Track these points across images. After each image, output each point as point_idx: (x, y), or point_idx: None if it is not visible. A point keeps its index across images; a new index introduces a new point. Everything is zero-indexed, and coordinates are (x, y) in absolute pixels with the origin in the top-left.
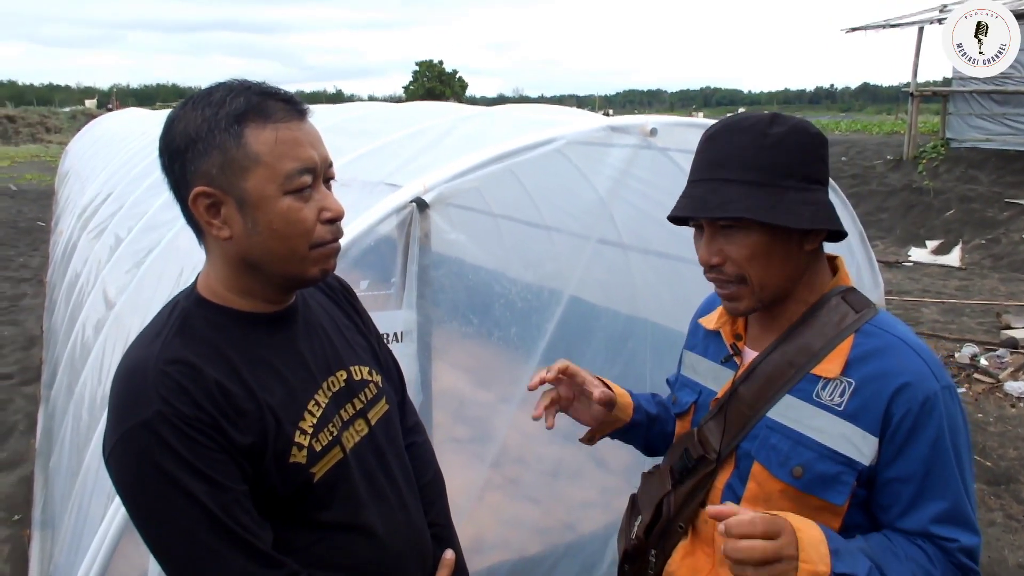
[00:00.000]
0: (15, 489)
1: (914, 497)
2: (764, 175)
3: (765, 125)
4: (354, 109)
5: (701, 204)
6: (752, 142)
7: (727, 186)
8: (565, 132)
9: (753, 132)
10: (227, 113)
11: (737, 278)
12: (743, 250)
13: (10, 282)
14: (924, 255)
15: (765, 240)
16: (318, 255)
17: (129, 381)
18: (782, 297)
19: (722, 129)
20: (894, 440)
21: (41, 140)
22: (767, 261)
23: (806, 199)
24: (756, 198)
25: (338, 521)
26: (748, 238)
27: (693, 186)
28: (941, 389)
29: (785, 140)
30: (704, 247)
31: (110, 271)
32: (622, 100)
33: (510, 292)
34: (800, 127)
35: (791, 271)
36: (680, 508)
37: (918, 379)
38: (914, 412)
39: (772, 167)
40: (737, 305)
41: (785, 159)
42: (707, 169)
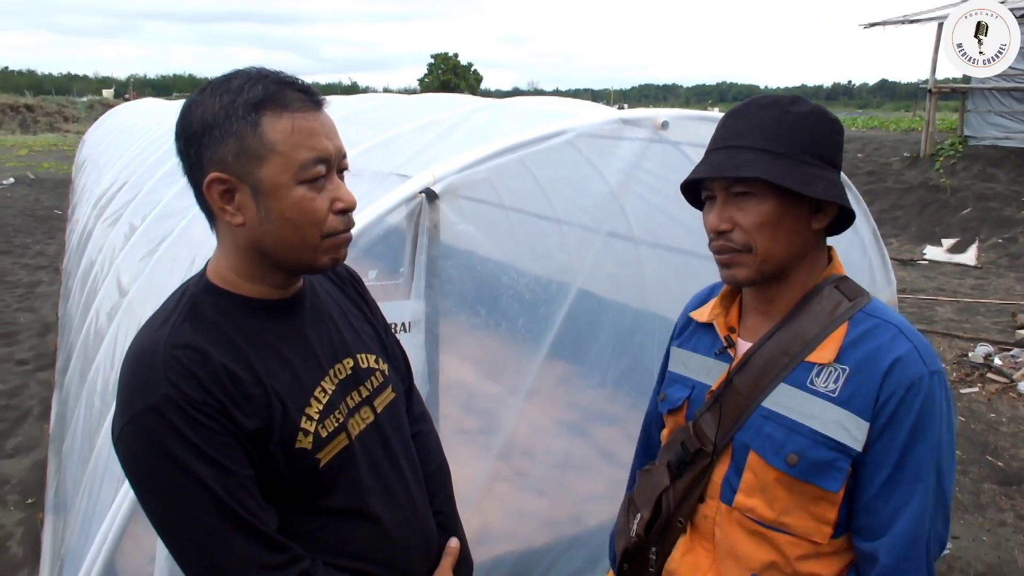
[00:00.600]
0: (29, 473)
1: (887, 481)
2: (782, 146)
3: (787, 103)
4: (367, 100)
5: (718, 167)
6: (773, 117)
7: (745, 152)
8: (575, 124)
9: (775, 108)
10: (245, 101)
11: (744, 246)
12: (754, 217)
13: (27, 269)
14: (940, 253)
15: (777, 210)
16: (329, 244)
17: (138, 365)
18: (781, 274)
19: (746, 105)
20: (878, 420)
21: (59, 129)
22: (775, 231)
23: (820, 175)
24: (773, 164)
25: (343, 507)
26: (760, 206)
27: (711, 154)
28: (929, 374)
29: (806, 119)
30: (715, 214)
31: (124, 259)
32: (637, 95)
33: (518, 284)
34: (820, 109)
35: (796, 247)
36: (679, 503)
37: (906, 362)
38: (899, 394)
39: (791, 141)
40: (736, 273)
41: (805, 135)
42: (727, 138)
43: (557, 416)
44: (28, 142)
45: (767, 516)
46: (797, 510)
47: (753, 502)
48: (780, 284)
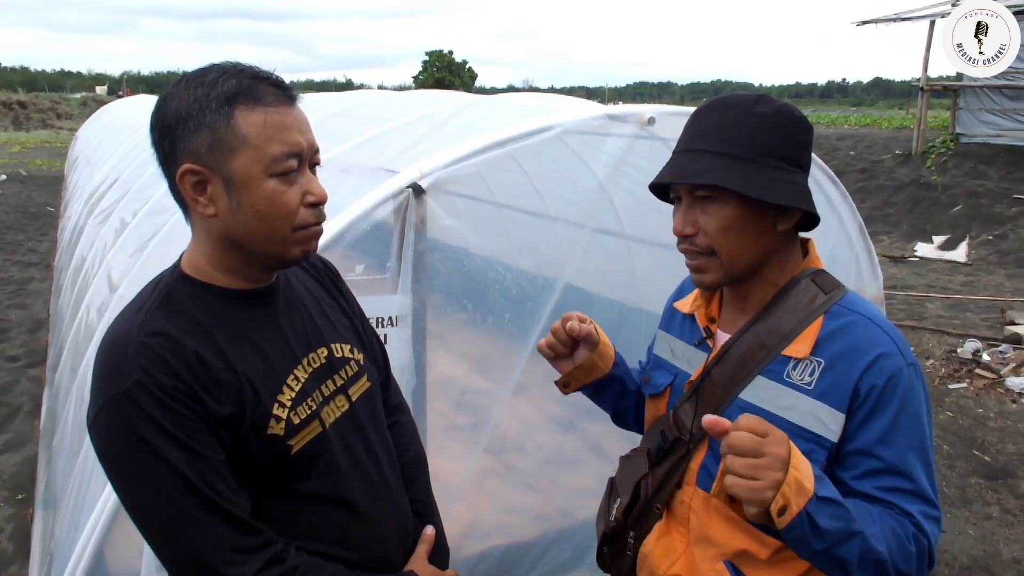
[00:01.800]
0: (19, 469)
1: (872, 469)
2: (745, 150)
3: (751, 104)
4: (360, 96)
5: (680, 171)
6: (737, 118)
7: (707, 156)
8: (563, 120)
9: (739, 109)
10: (218, 94)
11: (707, 250)
12: (717, 221)
13: (19, 266)
14: (930, 250)
15: (739, 214)
16: (300, 237)
17: (111, 352)
18: (750, 274)
19: (709, 105)
20: (858, 413)
21: (52, 126)
22: (739, 235)
23: (784, 178)
24: (735, 170)
25: (317, 493)
26: (723, 210)
27: (676, 156)
28: (907, 366)
29: (769, 119)
30: (680, 217)
31: (115, 255)
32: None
33: (505, 278)
34: (785, 109)
35: (762, 249)
36: (657, 489)
37: (885, 356)
38: (879, 387)
39: (754, 143)
40: (704, 277)
41: (767, 137)
42: (690, 141)
43: (547, 411)
44: (21, 139)
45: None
46: None
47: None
48: (750, 283)
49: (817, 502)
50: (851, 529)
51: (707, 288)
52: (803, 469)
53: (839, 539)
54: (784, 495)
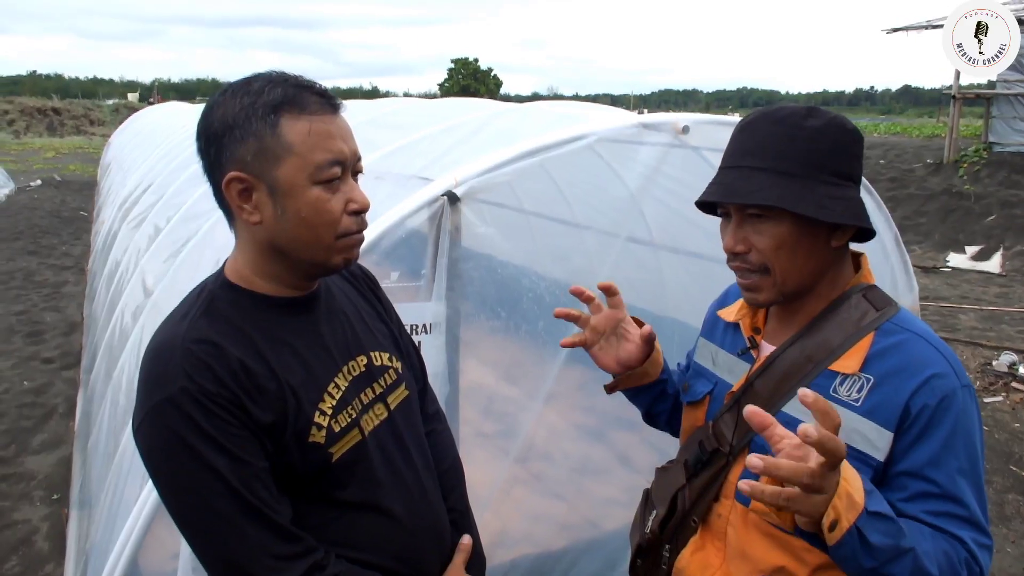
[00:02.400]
0: (54, 469)
1: (921, 492)
2: (797, 166)
3: (801, 117)
4: (390, 104)
5: (731, 190)
6: (787, 133)
7: (759, 174)
8: (596, 128)
9: (789, 123)
10: (264, 102)
11: (760, 268)
12: (770, 240)
13: (53, 270)
14: (963, 261)
15: (793, 231)
16: (343, 244)
17: (157, 359)
18: (803, 291)
19: (757, 118)
20: (908, 434)
21: (85, 132)
22: (793, 253)
23: (837, 194)
24: (788, 188)
25: (356, 501)
26: (776, 228)
27: (724, 172)
28: (961, 388)
29: (821, 133)
30: (730, 234)
31: (149, 260)
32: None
33: (538, 287)
34: (836, 122)
35: (815, 265)
36: (695, 502)
37: (938, 376)
38: (931, 407)
39: (806, 159)
40: (757, 296)
41: (819, 152)
42: (739, 156)
43: (575, 420)
44: (55, 144)
45: (784, 521)
46: None
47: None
48: (802, 299)
49: (868, 517)
50: (902, 546)
51: (761, 306)
52: (853, 481)
53: (890, 557)
54: (835, 508)
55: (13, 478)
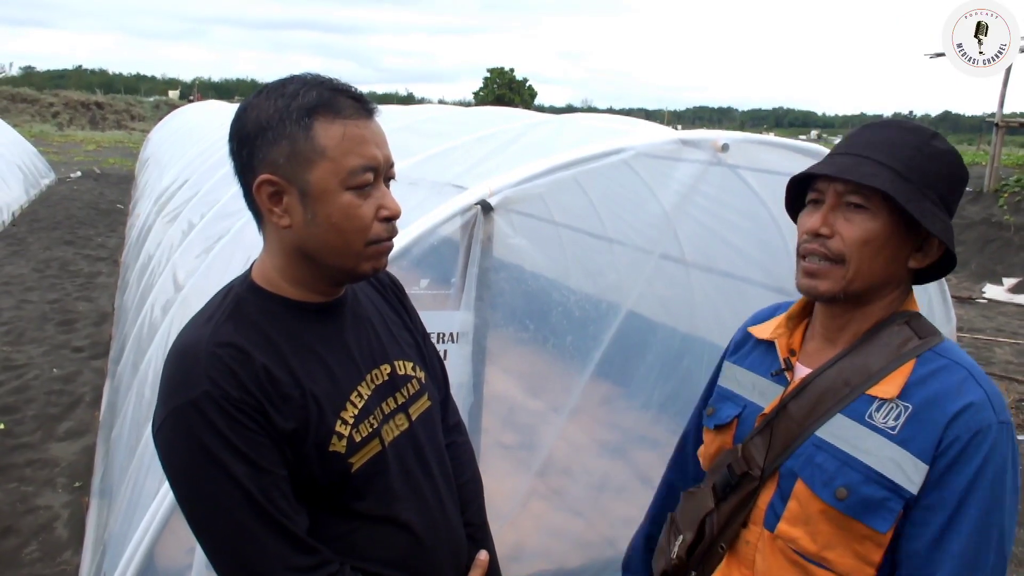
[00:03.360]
0: (78, 457)
1: (941, 529)
2: (915, 174)
3: (929, 136)
4: (427, 111)
5: (849, 169)
6: (912, 143)
7: (876, 166)
8: (634, 143)
9: (918, 135)
10: (299, 105)
11: (837, 256)
12: (860, 232)
13: (88, 260)
14: (1000, 293)
15: (885, 231)
16: (372, 251)
17: (180, 361)
18: (864, 297)
19: (888, 122)
20: (938, 467)
21: (125, 127)
22: (876, 252)
23: (938, 213)
24: (901, 185)
25: (374, 513)
26: (871, 223)
27: (839, 157)
28: (997, 423)
29: (942, 156)
30: (820, 215)
31: (181, 255)
32: (692, 116)
33: (568, 301)
34: (956, 154)
35: (888, 275)
36: (723, 527)
37: (975, 408)
38: (963, 440)
39: (923, 171)
40: (819, 284)
41: (936, 171)
42: (861, 147)
43: (598, 436)
44: (96, 138)
45: (809, 548)
46: (840, 546)
47: (796, 532)
48: (856, 310)
49: None
50: None
51: (817, 297)
52: None
53: None
54: None
55: (37, 464)
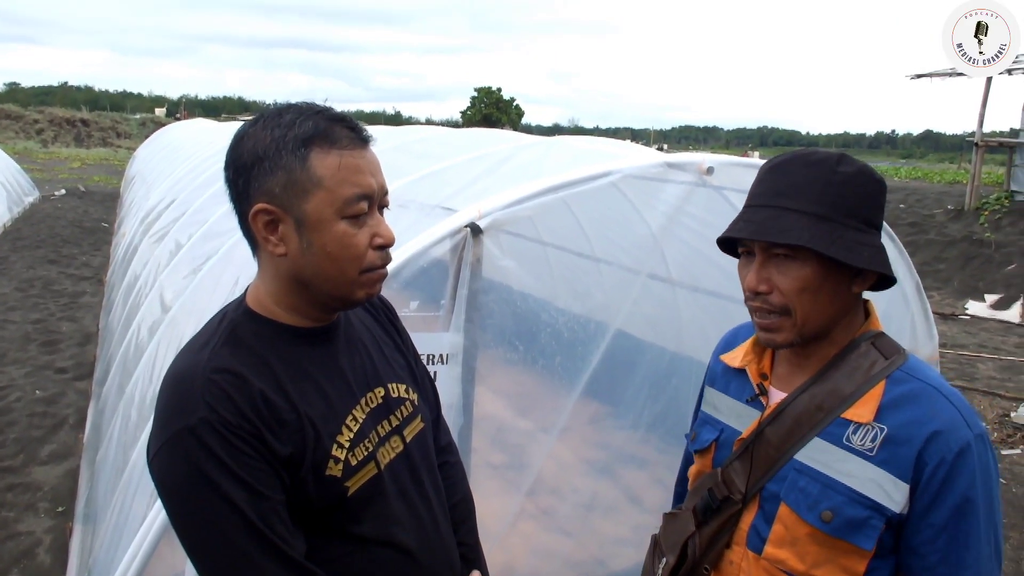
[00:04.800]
0: (61, 481)
1: (948, 544)
2: (828, 210)
3: (834, 163)
4: (417, 132)
5: (762, 228)
6: (820, 176)
7: (790, 214)
8: (621, 166)
9: (822, 167)
10: (295, 136)
11: (781, 309)
12: (794, 281)
13: (72, 279)
14: (982, 309)
15: (818, 274)
16: (367, 279)
17: (177, 387)
18: (821, 335)
19: (790, 159)
20: (929, 488)
21: (111, 144)
22: (816, 296)
23: (865, 240)
24: (818, 230)
25: (372, 536)
26: (802, 270)
27: (753, 211)
28: (974, 438)
29: (852, 180)
30: (754, 273)
31: (168, 275)
32: (677, 135)
33: (557, 321)
34: (867, 171)
35: (836, 310)
36: (705, 550)
37: (951, 427)
38: (948, 461)
39: (837, 204)
40: (775, 337)
41: (850, 199)
42: (771, 196)
43: (586, 456)
44: (81, 155)
45: (797, 568)
46: (827, 563)
47: (783, 554)
48: (817, 343)
49: None
50: None
51: (777, 348)
52: None
53: None
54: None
55: (19, 488)
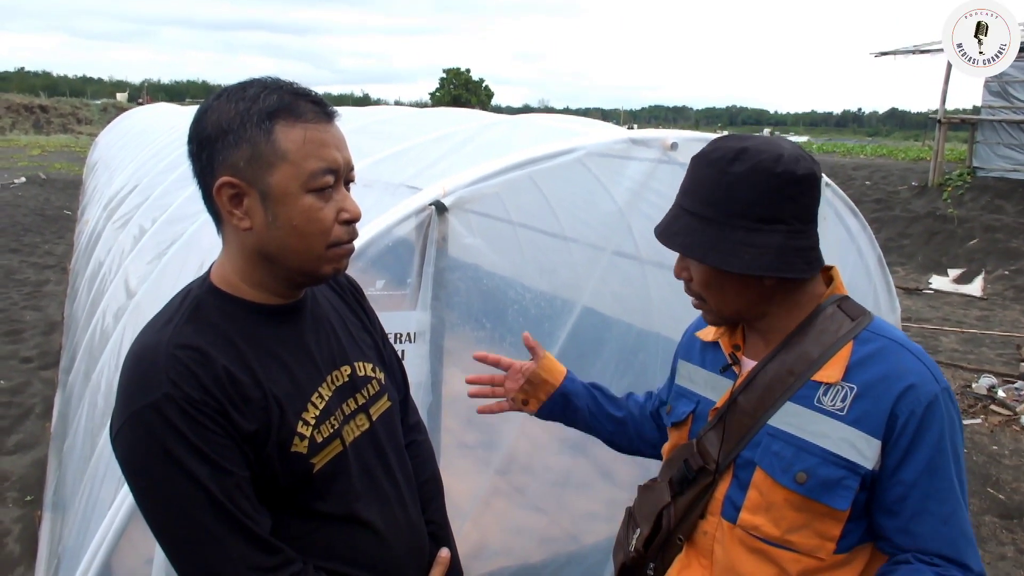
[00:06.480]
0: (28, 471)
1: (922, 499)
2: (716, 212)
3: (727, 162)
4: (381, 112)
5: (662, 229)
6: (711, 178)
7: (685, 216)
8: (586, 142)
9: (717, 167)
10: (260, 109)
11: (697, 295)
12: (699, 276)
13: (35, 268)
14: (945, 283)
15: (715, 273)
16: (333, 254)
17: (139, 364)
18: (749, 318)
19: (697, 156)
20: (899, 443)
21: (72, 131)
22: (720, 290)
23: (753, 240)
24: (702, 234)
25: (335, 512)
26: (700, 267)
27: (671, 208)
28: (941, 391)
29: (742, 180)
30: (676, 262)
31: (132, 261)
32: (647, 115)
33: (524, 299)
34: (762, 166)
35: (749, 300)
36: (680, 520)
37: (920, 381)
38: (918, 415)
39: (725, 205)
40: (706, 317)
41: (738, 199)
42: (680, 194)
43: (558, 433)
44: (41, 142)
45: (772, 534)
46: (803, 527)
47: (758, 520)
48: (763, 321)
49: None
50: None
51: (712, 325)
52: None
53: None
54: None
55: None
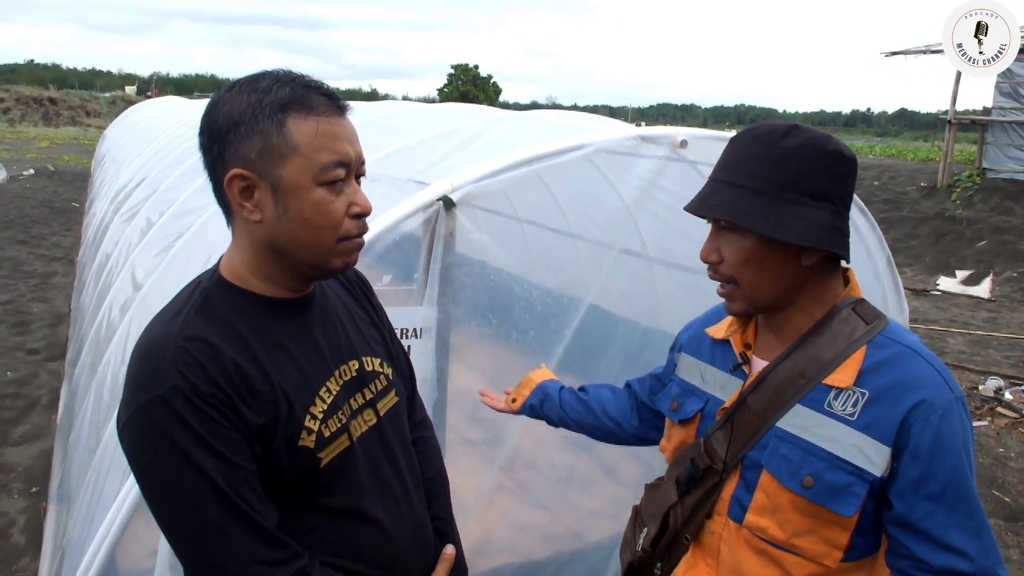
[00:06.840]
0: (34, 462)
1: (947, 511)
2: (766, 184)
3: (778, 136)
4: (390, 107)
5: (700, 202)
6: (761, 150)
7: (728, 189)
8: (594, 139)
9: (765, 141)
10: (272, 101)
11: (729, 278)
12: (736, 253)
13: (42, 260)
14: (953, 285)
15: (758, 247)
16: (343, 248)
17: (148, 356)
18: (780, 305)
19: (741, 134)
20: (919, 455)
21: (81, 123)
22: (758, 268)
23: (802, 214)
24: (751, 204)
25: (342, 507)
26: (741, 242)
27: (707, 184)
28: (955, 400)
29: (794, 153)
30: (706, 243)
31: (139, 254)
32: (655, 113)
33: (531, 295)
34: (814, 142)
35: (786, 282)
36: (687, 520)
37: (935, 391)
38: (934, 425)
39: (775, 177)
40: (731, 305)
41: (790, 172)
42: (720, 170)
43: (562, 431)
44: (50, 135)
45: (778, 537)
46: (809, 533)
47: (764, 522)
48: (783, 313)
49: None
50: None
51: (736, 315)
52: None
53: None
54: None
55: None
